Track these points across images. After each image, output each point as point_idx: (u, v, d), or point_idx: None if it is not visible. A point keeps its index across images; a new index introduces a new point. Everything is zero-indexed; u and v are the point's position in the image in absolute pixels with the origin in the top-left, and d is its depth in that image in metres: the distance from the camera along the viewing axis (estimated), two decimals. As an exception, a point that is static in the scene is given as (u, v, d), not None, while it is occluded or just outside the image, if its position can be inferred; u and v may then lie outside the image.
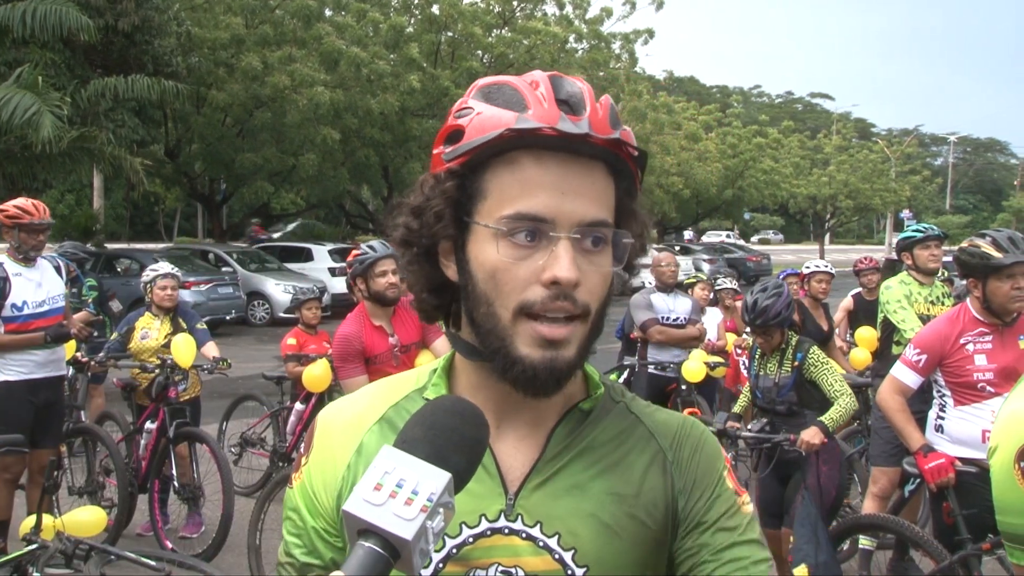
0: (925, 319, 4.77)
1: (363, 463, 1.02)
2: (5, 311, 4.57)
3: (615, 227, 0.98)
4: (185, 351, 5.25)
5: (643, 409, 1.09)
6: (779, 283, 4.27)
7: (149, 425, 5.40)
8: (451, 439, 0.85)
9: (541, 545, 0.98)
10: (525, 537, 0.98)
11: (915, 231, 5.24)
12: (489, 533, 0.99)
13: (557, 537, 0.98)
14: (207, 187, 24.73)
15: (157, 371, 5.25)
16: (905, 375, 3.70)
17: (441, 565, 0.98)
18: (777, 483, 4.07)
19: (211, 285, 16.30)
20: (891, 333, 5.17)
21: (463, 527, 0.98)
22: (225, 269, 18.10)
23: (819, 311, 6.68)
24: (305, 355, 5.96)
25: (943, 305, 5.00)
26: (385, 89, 20.16)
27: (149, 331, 5.51)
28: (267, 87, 19.03)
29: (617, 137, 0.95)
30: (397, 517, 0.78)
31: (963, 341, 3.54)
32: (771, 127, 41.92)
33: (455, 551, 0.98)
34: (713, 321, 7.34)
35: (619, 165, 0.98)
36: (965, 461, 3.43)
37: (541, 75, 0.97)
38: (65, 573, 2.93)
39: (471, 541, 0.99)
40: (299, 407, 6.12)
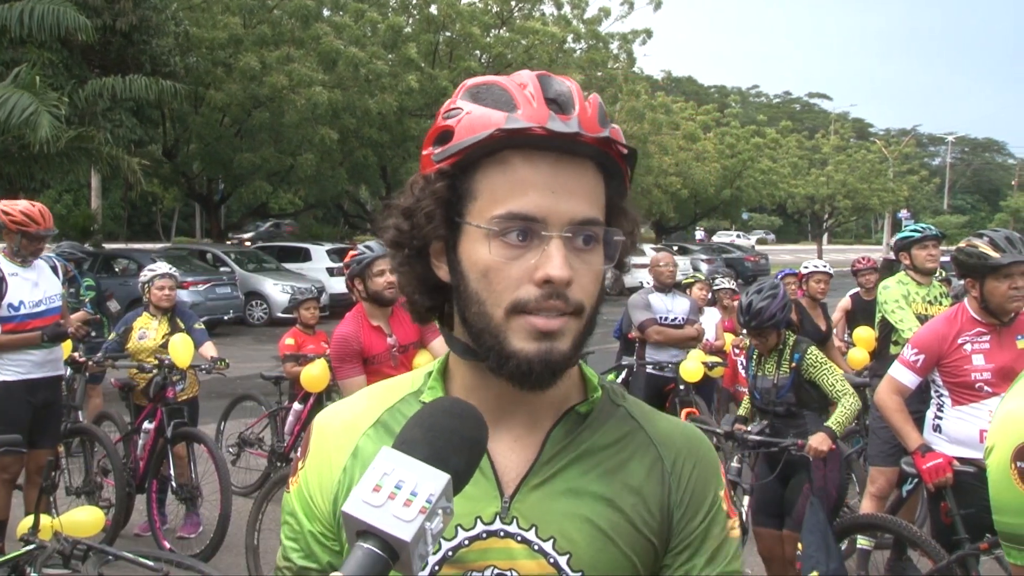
0: (923, 319, 4.77)
1: (359, 467, 1.01)
2: (2, 311, 4.56)
3: (606, 225, 0.98)
4: (183, 351, 5.24)
5: (645, 415, 1.08)
6: (775, 284, 4.22)
7: (147, 425, 5.40)
8: (450, 440, 0.84)
9: (536, 549, 0.97)
10: (520, 540, 0.98)
11: (913, 231, 5.24)
12: (484, 536, 0.98)
13: (552, 541, 0.97)
14: (205, 187, 24.71)
15: (155, 371, 5.25)
16: (903, 375, 3.70)
17: (437, 567, 0.97)
18: (777, 483, 4.06)
19: (209, 285, 16.28)
20: (889, 333, 5.17)
21: (458, 529, 0.98)
22: (223, 269, 18.09)
23: (817, 311, 6.68)
24: (303, 355, 5.95)
25: (941, 305, 5.00)
26: (383, 89, 20.16)
27: (147, 331, 5.50)
28: (265, 87, 19.02)
29: (607, 135, 0.95)
30: (396, 518, 0.77)
31: (961, 341, 3.54)
32: (769, 127, 42.04)
33: (450, 553, 0.98)
34: (711, 321, 7.35)
35: (609, 163, 0.98)
36: (963, 461, 3.43)
37: (529, 75, 0.97)
38: (63, 573, 2.92)
39: (466, 544, 0.98)
40: (297, 407, 6.12)
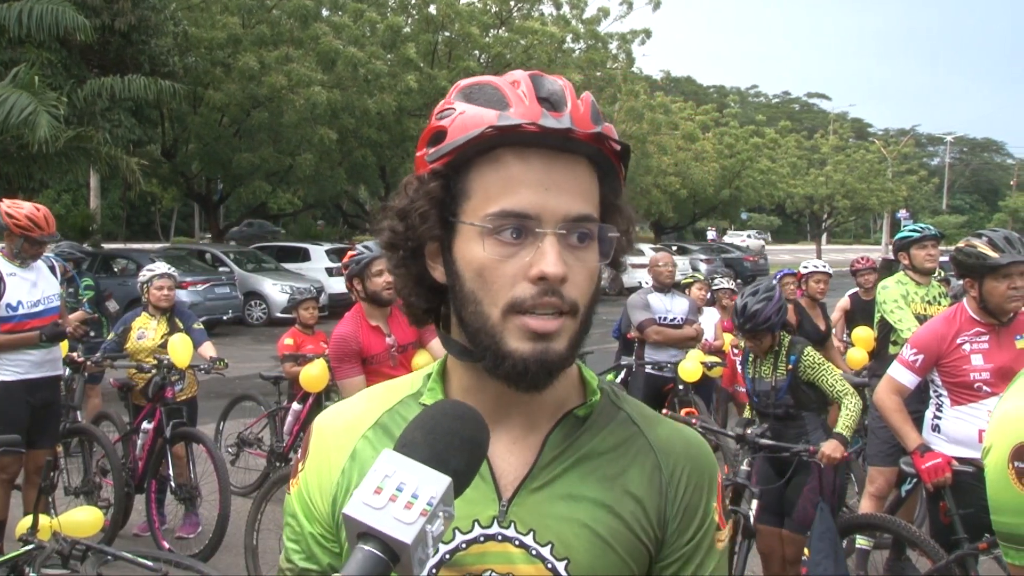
0: (922, 319, 4.77)
1: (357, 468, 1.01)
2: (0, 311, 4.56)
3: (600, 222, 0.97)
4: (182, 351, 5.24)
5: (646, 420, 1.07)
6: (771, 286, 4.18)
7: (146, 425, 5.40)
8: (451, 443, 0.84)
9: (534, 554, 0.97)
10: (518, 545, 0.97)
11: (912, 231, 5.24)
12: (482, 539, 0.98)
13: (550, 546, 0.97)
14: (204, 187, 24.70)
15: (154, 371, 5.24)
16: (902, 375, 3.70)
17: (434, 570, 0.97)
18: (778, 480, 4.04)
19: (208, 285, 16.26)
20: (888, 333, 5.17)
21: (456, 532, 0.97)
22: (222, 269, 18.08)
23: (816, 311, 6.69)
24: (302, 355, 5.95)
25: (940, 305, 5.00)
26: (382, 89, 20.16)
27: (146, 331, 5.50)
28: (264, 87, 19.02)
29: (599, 131, 0.95)
30: (397, 521, 0.77)
31: (960, 341, 3.54)
32: (768, 127, 42.09)
33: (448, 556, 0.97)
34: (710, 321, 7.35)
35: (602, 161, 0.98)
36: (962, 461, 3.43)
37: (522, 74, 0.97)
38: (62, 573, 2.92)
39: (464, 547, 0.97)
40: (296, 407, 6.12)
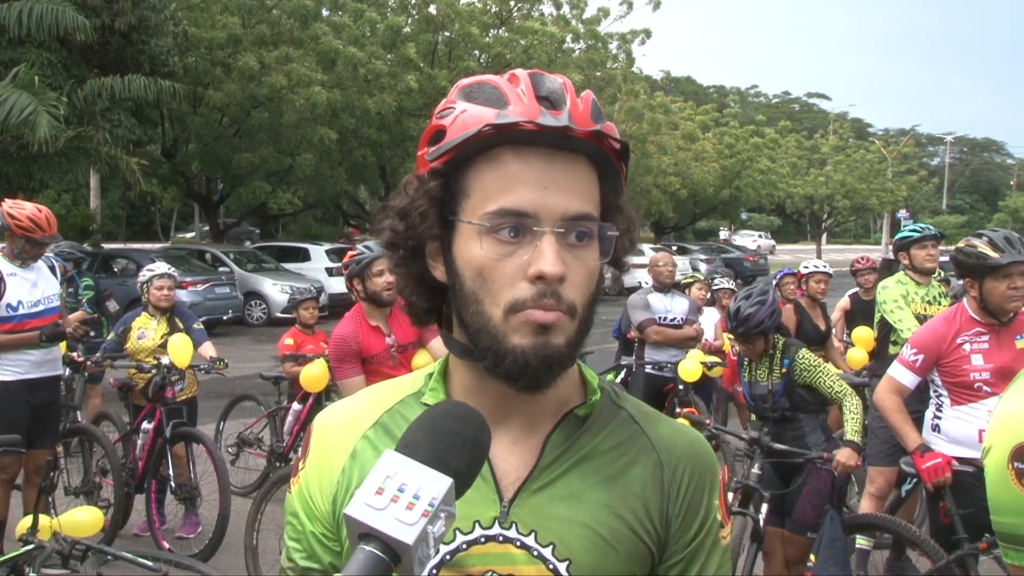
0: (922, 319, 4.77)
1: (357, 468, 1.01)
2: (0, 311, 4.56)
3: (600, 221, 0.97)
4: (182, 351, 5.24)
5: (647, 419, 1.06)
6: (764, 289, 4.15)
7: (146, 425, 5.40)
8: (453, 444, 0.84)
9: (536, 555, 0.96)
10: (519, 545, 0.97)
11: (912, 231, 5.24)
12: (483, 540, 0.97)
13: (552, 547, 0.96)
14: (204, 187, 24.70)
15: (154, 371, 5.24)
16: (902, 375, 3.70)
17: (435, 571, 0.97)
18: (780, 482, 4.04)
19: (208, 285, 16.26)
20: (888, 333, 5.17)
21: (457, 533, 0.97)
22: (222, 269, 18.08)
23: (816, 311, 6.69)
24: (302, 355, 5.95)
25: (940, 305, 5.00)
26: (382, 89, 20.15)
27: (146, 331, 5.50)
28: (264, 87, 19.01)
29: (598, 129, 0.94)
30: (398, 521, 0.77)
31: (960, 341, 3.54)
32: (768, 127, 42.06)
33: (448, 557, 0.97)
34: (710, 321, 7.35)
35: (602, 159, 0.97)
36: (962, 461, 3.43)
37: (522, 72, 0.97)
38: (62, 573, 2.92)
39: (465, 548, 0.97)
40: (296, 407, 6.12)
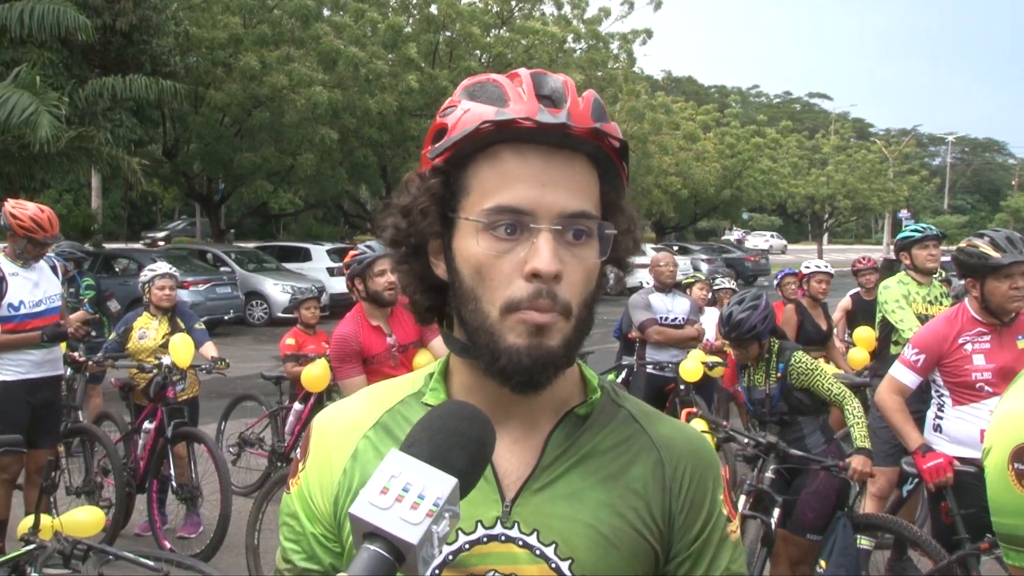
0: (923, 319, 4.78)
1: (359, 468, 1.01)
2: (2, 311, 4.56)
3: (599, 219, 0.96)
4: (183, 351, 5.24)
5: (647, 417, 1.06)
6: (757, 294, 4.14)
7: (147, 425, 5.40)
8: (458, 444, 0.84)
9: (538, 554, 0.96)
10: (522, 545, 0.97)
11: (913, 231, 5.24)
12: (486, 540, 0.97)
13: (554, 546, 0.97)
14: (205, 187, 24.71)
15: (155, 371, 5.24)
16: (903, 375, 3.69)
17: (437, 571, 0.97)
18: (783, 483, 4.04)
19: (209, 285, 16.27)
20: (889, 333, 5.17)
21: (459, 533, 0.97)
22: (223, 269, 18.08)
23: (818, 311, 6.69)
24: (304, 355, 5.95)
25: (941, 305, 5.00)
26: (383, 89, 20.15)
27: (147, 331, 5.50)
28: (265, 87, 19.01)
29: (597, 128, 0.94)
30: (403, 521, 0.78)
31: (961, 341, 3.54)
32: (769, 127, 42.05)
33: (451, 557, 0.97)
34: (711, 321, 7.33)
35: (603, 158, 0.97)
36: (963, 461, 3.42)
37: (524, 72, 0.97)
38: (63, 573, 2.92)
39: (467, 547, 0.97)
40: (298, 407, 6.13)
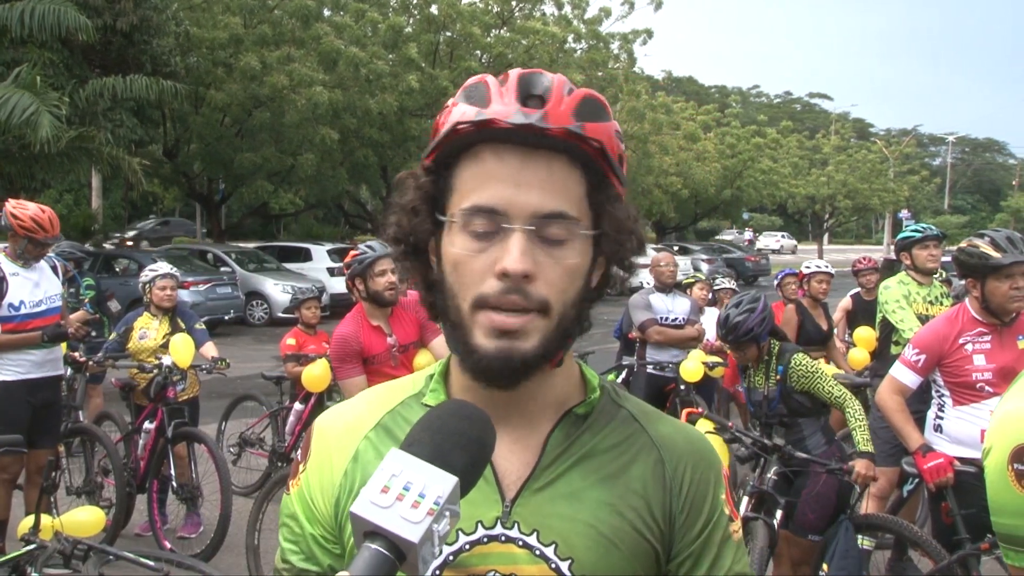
0: (924, 319, 4.78)
1: (360, 470, 1.01)
2: (2, 311, 4.56)
3: (577, 220, 0.95)
4: (183, 351, 5.24)
5: (647, 417, 1.06)
6: (755, 296, 4.12)
7: (147, 425, 5.40)
8: (458, 443, 0.84)
9: (538, 554, 0.96)
10: (522, 545, 0.97)
11: (913, 231, 5.24)
12: (486, 540, 0.97)
13: (554, 546, 0.97)
14: (205, 187, 24.71)
15: (155, 371, 5.24)
16: (904, 375, 3.69)
17: (438, 571, 0.97)
18: (784, 484, 4.03)
19: (210, 285, 16.27)
20: (890, 333, 5.17)
21: (459, 534, 0.97)
22: (224, 269, 18.08)
23: (818, 311, 6.69)
24: (304, 355, 5.95)
25: (942, 305, 5.00)
26: (384, 89, 20.15)
27: (147, 331, 5.50)
28: (266, 87, 19.01)
29: (571, 128, 0.92)
30: (404, 520, 0.78)
31: (962, 341, 3.54)
32: (769, 127, 42.00)
33: (452, 558, 0.97)
34: (711, 321, 7.33)
35: (585, 159, 0.95)
36: (964, 461, 3.42)
37: (516, 71, 0.97)
38: (63, 573, 2.92)
39: (467, 548, 0.97)
40: (298, 407, 6.13)
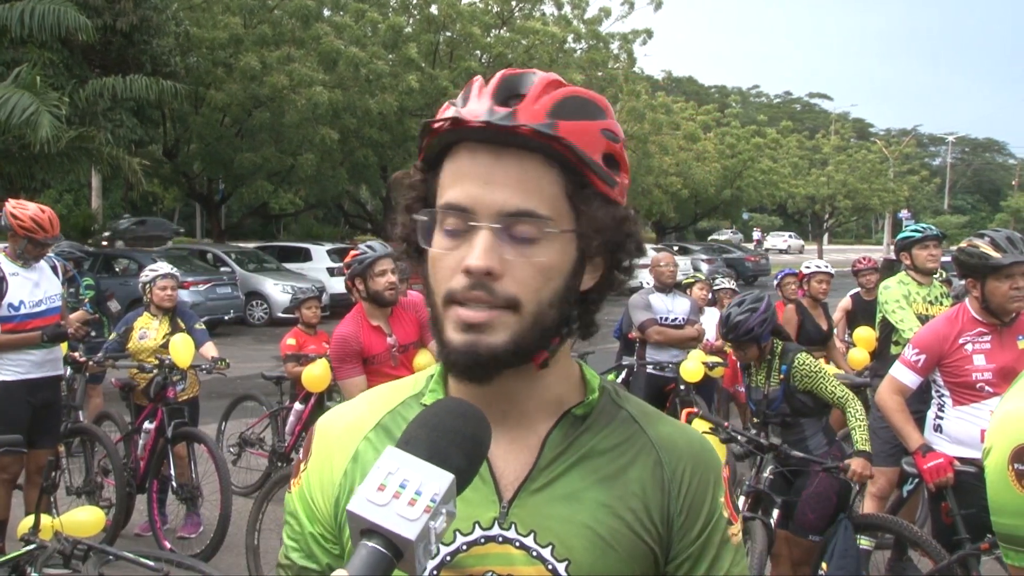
0: (924, 319, 4.78)
1: (359, 470, 1.01)
2: (2, 311, 4.56)
3: (551, 219, 0.93)
4: (183, 351, 5.24)
5: (647, 418, 1.06)
6: (759, 297, 4.10)
7: (147, 425, 5.40)
8: (454, 440, 0.84)
9: (535, 555, 0.96)
10: (519, 546, 0.97)
11: (913, 231, 5.24)
12: (483, 541, 0.97)
13: (551, 548, 0.96)
14: (205, 187, 24.71)
15: (155, 371, 5.24)
16: (904, 375, 3.69)
17: (435, 572, 0.97)
18: (784, 484, 4.04)
19: (209, 285, 16.27)
20: (890, 333, 5.17)
21: (457, 534, 0.97)
22: (224, 269, 18.08)
23: (818, 311, 6.69)
24: (304, 355, 5.96)
25: (941, 305, 5.00)
26: (384, 89, 20.16)
27: (147, 331, 5.50)
28: (265, 87, 19.02)
29: (537, 126, 0.91)
30: (400, 517, 0.78)
31: (962, 341, 3.54)
32: (769, 127, 42.02)
33: (449, 558, 0.97)
34: (711, 321, 7.33)
35: (561, 158, 0.93)
36: (964, 461, 3.42)
37: (504, 72, 0.97)
38: (63, 573, 2.92)
39: (465, 548, 0.97)
40: (298, 407, 6.13)
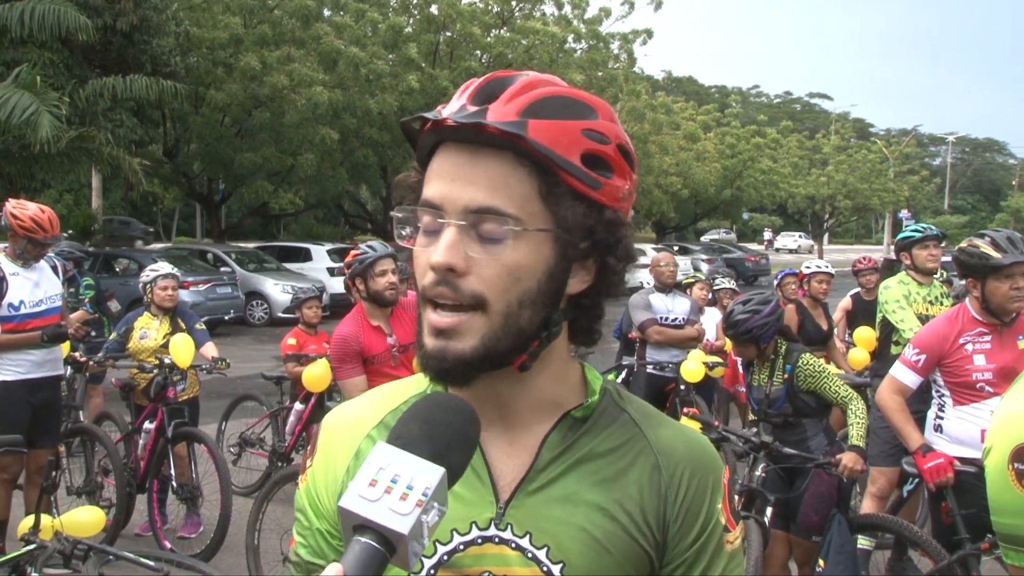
0: (924, 319, 4.78)
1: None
2: (2, 311, 4.56)
3: (518, 218, 0.92)
4: (184, 351, 5.24)
5: (648, 421, 1.05)
6: (766, 298, 4.08)
7: (148, 425, 5.40)
8: (444, 434, 0.85)
9: (530, 556, 0.96)
10: (515, 547, 0.97)
11: (913, 231, 5.24)
12: (480, 541, 0.97)
13: (546, 550, 0.96)
14: (205, 187, 24.72)
15: (156, 371, 5.24)
16: (904, 375, 3.70)
17: (432, 571, 0.97)
18: (784, 484, 4.03)
19: (210, 285, 16.27)
20: (890, 333, 5.17)
21: (454, 534, 0.97)
22: (224, 269, 18.09)
23: (818, 311, 6.69)
24: (305, 355, 5.96)
25: (942, 305, 5.00)
26: (384, 89, 20.18)
27: (148, 331, 5.50)
28: (266, 87, 19.04)
29: (503, 124, 0.90)
30: (393, 512, 0.78)
31: (962, 341, 3.54)
32: (769, 127, 42.08)
33: (446, 558, 0.97)
34: (711, 321, 7.34)
35: (531, 157, 0.92)
36: (964, 461, 3.42)
37: (494, 73, 0.98)
38: (63, 573, 2.92)
39: (461, 548, 0.97)
40: (299, 407, 6.13)
